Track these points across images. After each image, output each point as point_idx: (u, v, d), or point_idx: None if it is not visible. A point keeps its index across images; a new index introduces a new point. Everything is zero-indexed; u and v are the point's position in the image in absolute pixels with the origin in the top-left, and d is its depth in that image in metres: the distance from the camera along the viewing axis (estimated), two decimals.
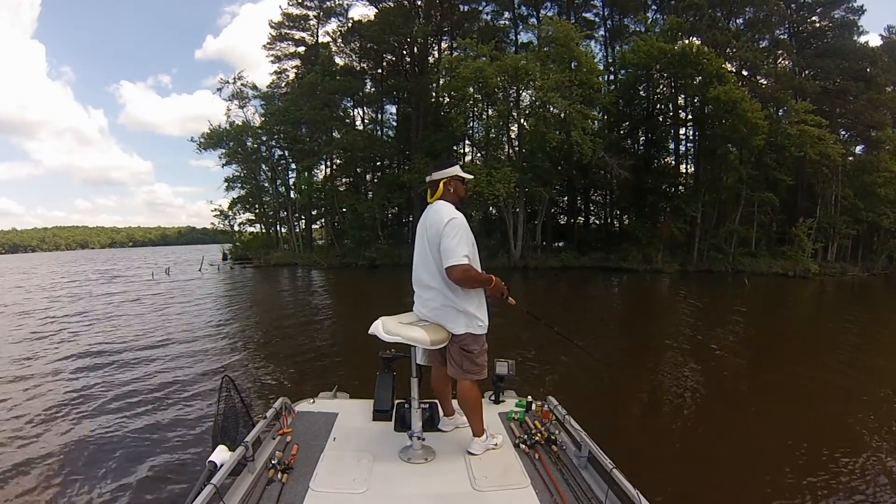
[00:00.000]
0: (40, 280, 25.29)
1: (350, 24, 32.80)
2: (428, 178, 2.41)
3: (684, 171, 30.55)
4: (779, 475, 3.87)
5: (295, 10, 33.80)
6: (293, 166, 33.36)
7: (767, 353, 8.53)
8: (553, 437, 2.35)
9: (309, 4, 33.65)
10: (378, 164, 35.05)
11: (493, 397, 2.91)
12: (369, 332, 2.09)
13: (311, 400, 2.89)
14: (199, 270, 28.45)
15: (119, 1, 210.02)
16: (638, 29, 30.08)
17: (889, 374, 7.10)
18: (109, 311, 12.85)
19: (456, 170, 2.36)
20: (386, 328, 2.08)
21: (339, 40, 33.51)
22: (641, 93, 29.74)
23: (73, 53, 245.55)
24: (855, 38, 28.41)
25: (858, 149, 29.62)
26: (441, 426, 2.58)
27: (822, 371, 7.36)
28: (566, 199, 33.69)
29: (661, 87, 29.05)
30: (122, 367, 7.01)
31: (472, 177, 2.61)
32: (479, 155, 31.22)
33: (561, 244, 31.34)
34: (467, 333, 2.25)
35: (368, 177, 35.53)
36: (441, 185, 2.34)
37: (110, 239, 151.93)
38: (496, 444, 2.32)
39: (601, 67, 28.28)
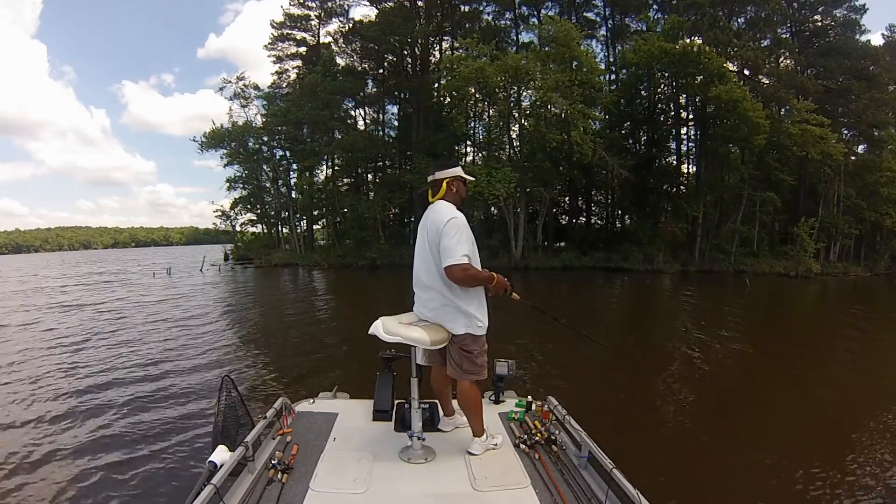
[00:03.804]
0: (44, 282, 25.36)
1: (351, 25, 32.87)
2: (430, 178, 2.40)
3: (686, 170, 30.64)
4: (780, 476, 3.86)
5: (296, 11, 33.92)
6: (294, 167, 33.48)
7: (769, 354, 8.50)
8: (553, 437, 2.34)
9: (310, 5, 33.77)
10: (379, 164, 35.11)
11: (493, 397, 2.91)
12: (369, 332, 2.08)
13: (311, 400, 2.89)
14: (201, 271, 28.50)
15: None
16: (639, 28, 30.10)
17: (892, 376, 7.07)
18: (109, 311, 12.87)
19: (459, 170, 2.36)
20: (386, 328, 2.08)
21: (341, 40, 33.60)
22: (643, 92, 29.73)
23: (75, 53, 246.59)
24: (857, 36, 28.41)
25: (861, 148, 29.62)
26: (441, 426, 2.58)
27: (824, 371, 7.35)
28: (567, 199, 33.67)
29: (662, 86, 29.06)
30: (120, 367, 7.02)
31: (473, 178, 2.60)
32: (479, 155, 31.23)
33: (562, 244, 31.32)
34: (467, 334, 2.25)
35: (369, 177, 35.61)
36: (444, 184, 2.33)
37: (113, 239, 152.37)
38: (496, 445, 2.31)
39: (602, 67, 28.28)
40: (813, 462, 4.10)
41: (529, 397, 2.78)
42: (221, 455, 1.95)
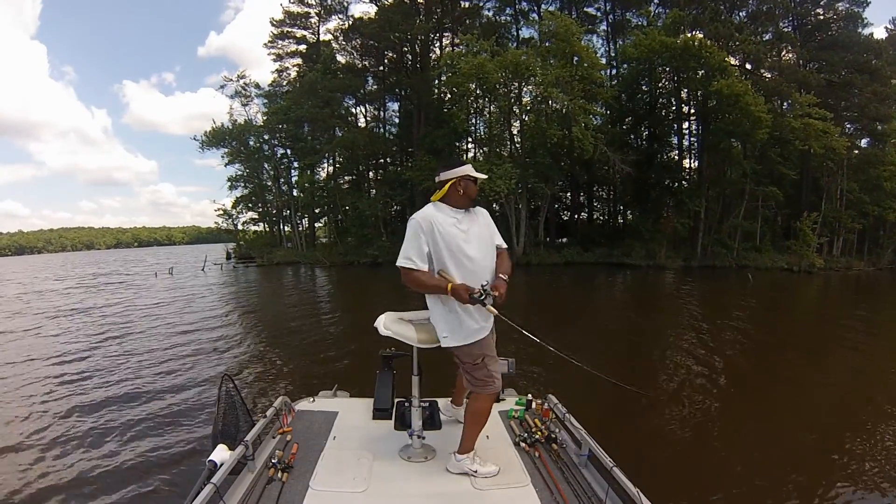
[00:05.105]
0: (47, 284, 25.46)
1: (351, 22, 32.74)
2: (437, 179, 2.27)
3: (687, 165, 30.42)
4: (780, 474, 3.85)
5: (296, 8, 33.76)
6: (295, 165, 33.46)
7: (771, 351, 8.48)
8: (553, 436, 2.34)
9: (310, 2, 33.58)
10: (380, 161, 35.07)
11: None
12: (374, 324, 2.13)
13: (311, 399, 2.90)
14: (203, 270, 28.56)
15: None
16: (640, 23, 29.91)
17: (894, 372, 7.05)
18: (111, 311, 12.92)
19: (465, 169, 2.18)
20: (384, 323, 2.12)
21: (340, 38, 33.45)
22: (644, 87, 29.54)
23: (75, 53, 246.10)
24: (860, 30, 28.11)
25: (863, 142, 29.37)
26: (442, 410, 2.62)
27: (827, 368, 7.33)
28: (569, 194, 33.60)
29: (663, 81, 28.87)
30: (120, 366, 7.05)
31: (485, 176, 2.41)
32: (481, 151, 31.16)
33: (564, 240, 31.27)
34: (456, 345, 2.11)
35: (371, 174, 35.55)
36: (447, 186, 2.16)
37: (116, 239, 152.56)
38: (475, 472, 2.05)
39: (603, 62, 28.13)
40: (814, 461, 4.09)
41: (530, 395, 2.78)
42: (221, 454, 1.96)
